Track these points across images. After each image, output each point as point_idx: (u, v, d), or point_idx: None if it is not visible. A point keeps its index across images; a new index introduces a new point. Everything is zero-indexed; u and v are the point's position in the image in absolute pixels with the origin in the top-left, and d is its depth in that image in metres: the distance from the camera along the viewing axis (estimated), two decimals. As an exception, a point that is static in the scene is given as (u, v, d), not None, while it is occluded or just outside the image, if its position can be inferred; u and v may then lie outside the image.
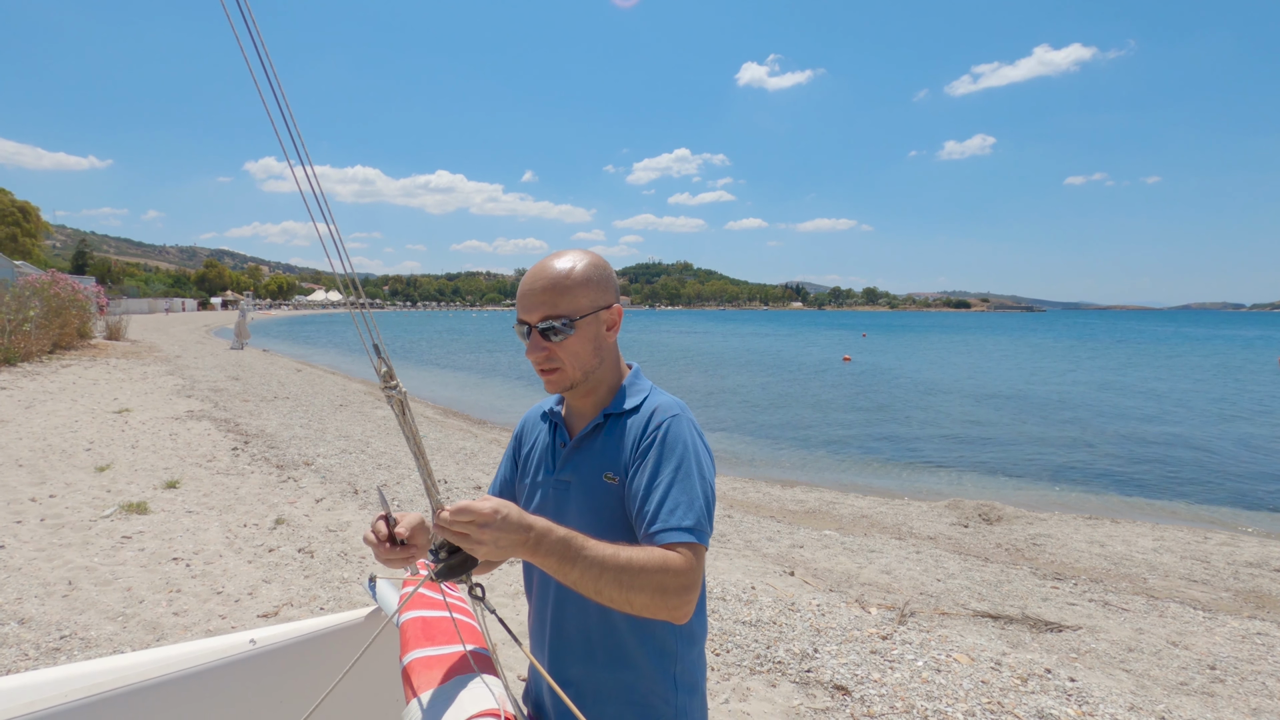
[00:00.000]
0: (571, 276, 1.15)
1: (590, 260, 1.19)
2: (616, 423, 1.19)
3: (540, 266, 1.17)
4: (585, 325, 1.15)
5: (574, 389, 1.20)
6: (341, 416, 10.48)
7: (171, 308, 68.29)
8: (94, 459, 6.41)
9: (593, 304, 1.16)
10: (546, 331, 1.14)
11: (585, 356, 1.17)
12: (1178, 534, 6.84)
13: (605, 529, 1.13)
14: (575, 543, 0.95)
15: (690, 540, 1.02)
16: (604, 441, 1.19)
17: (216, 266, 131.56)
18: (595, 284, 1.17)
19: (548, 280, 1.14)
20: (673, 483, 1.07)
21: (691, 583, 0.99)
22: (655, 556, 0.98)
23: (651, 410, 1.17)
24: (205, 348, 22.28)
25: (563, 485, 1.21)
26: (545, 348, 1.15)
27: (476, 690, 1.02)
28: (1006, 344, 51.79)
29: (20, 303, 13.76)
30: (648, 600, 0.96)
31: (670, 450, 1.10)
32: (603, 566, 0.95)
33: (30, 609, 3.45)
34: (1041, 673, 3.37)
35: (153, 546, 4.40)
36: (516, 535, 0.90)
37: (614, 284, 1.22)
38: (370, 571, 4.28)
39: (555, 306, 1.13)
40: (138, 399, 10.13)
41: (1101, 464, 10.63)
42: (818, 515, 7.27)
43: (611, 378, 1.24)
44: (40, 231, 53.16)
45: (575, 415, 1.27)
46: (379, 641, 1.21)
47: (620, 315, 1.22)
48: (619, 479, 1.14)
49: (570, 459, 1.22)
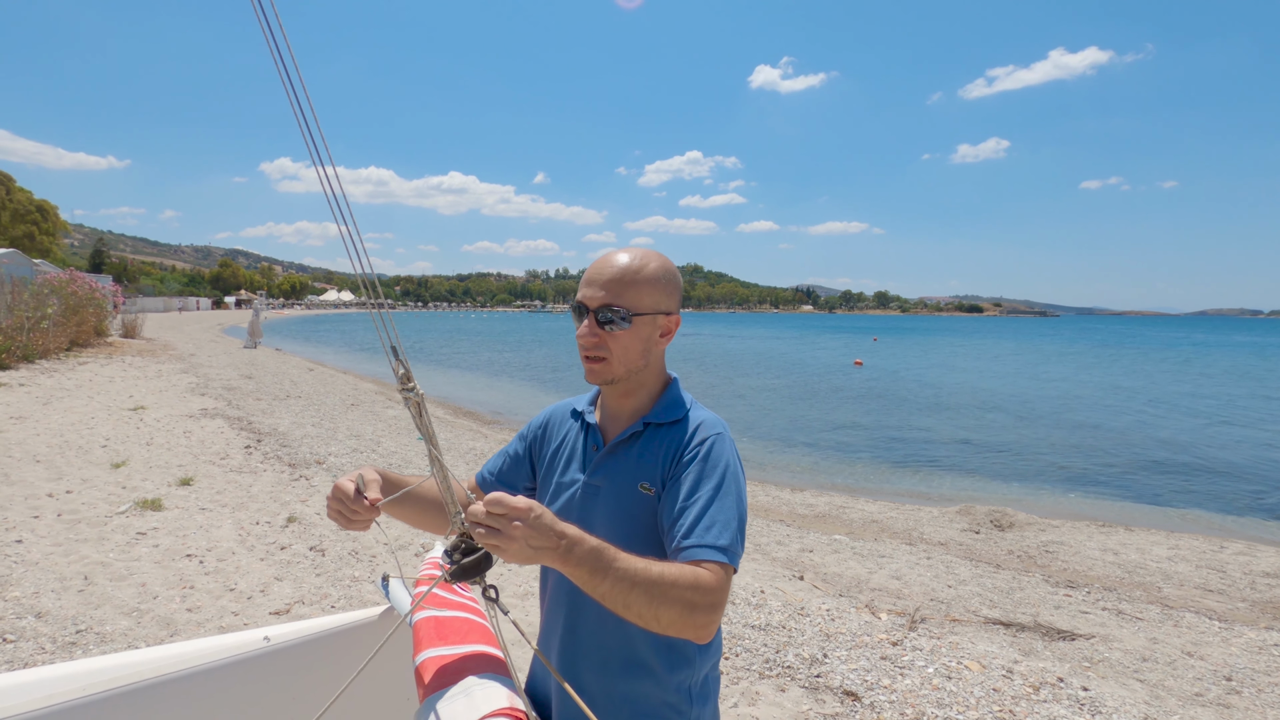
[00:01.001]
0: (641, 273, 1.14)
1: (662, 264, 1.18)
2: (656, 433, 1.18)
3: (613, 255, 1.17)
4: (642, 324, 1.15)
5: (614, 385, 1.19)
6: (353, 416, 10.55)
7: (185, 306, 68.98)
8: (110, 455, 6.48)
9: (654, 305, 1.15)
10: (603, 319, 1.13)
11: (633, 355, 1.16)
12: (1193, 543, 6.76)
13: (632, 539, 1.10)
14: (608, 554, 0.93)
15: (722, 560, 1.01)
16: (641, 450, 1.17)
17: (231, 266, 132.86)
18: (662, 287, 1.16)
19: (617, 270, 1.14)
20: (711, 500, 1.06)
21: (719, 601, 0.98)
22: (686, 573, 0.97)
23: (695, 425, 1.16)
24: (219, 346, 22.49)
25: (592, 489, 1.19)
26: (598, 335, 1.14)
27: (489, 690, 1.03)
28: (1019, 349, 51.39)
29: (39, 301, 13.94)
30: (675, 617, 0.95)
31: (712, 468, 1.09)
32: (634, 580, 0.93)
33: (47, 603, 3.50)
34: (1054, 681, 3.34)
35: (167, 543, 4.44)
36: (548, 540, 0.87)
37: (679, 293, 1.21)
38: (383, 571, 4.30)
39: (619, 297, 1.12)
40: (153, 396, 10.24)
41: (1115, 471, 10.52)
42: (828, 520, 7.24)
43: (653, 384, 1.22)
44: (58, 230, 53.88)
45: (610, 418, 1.25)
46: (392, 640, 1.21)
47: (677, 326, 1.21)
48: (655, 491, 1.13)
49: (603, 464, 1.20)
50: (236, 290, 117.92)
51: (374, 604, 1.47)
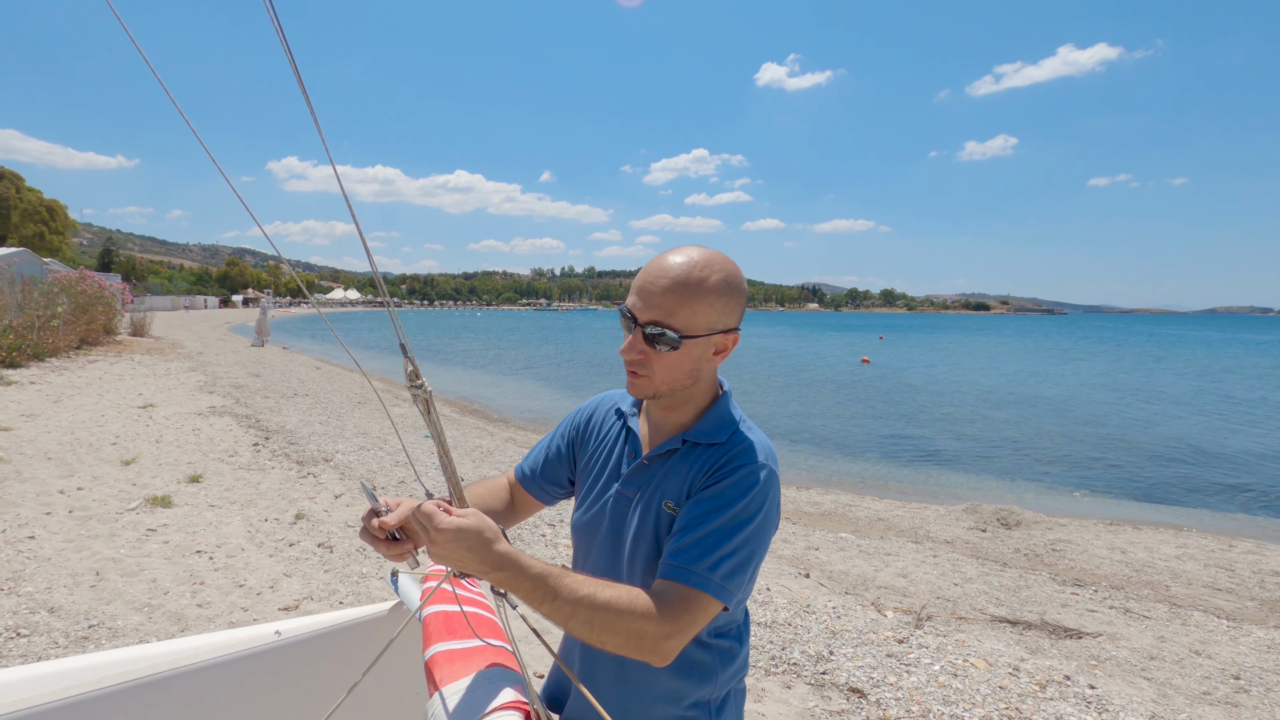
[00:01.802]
0: (702, 287, 0.99)
1: (726, 274, 1.02)
2: (693, 451, 1.09)
3: (669, 262, 1.01)
4: (694, 346, 1.02)
5: (655, 400, 1.10)
6: (360, 414, 10.60)
7: (193, 305, 69.34)
8: (120, 453, 6.54)
9: (710, 325, 1.01)
10: (650, 336, 1.01)
11: (679, 375, 1.05)
12: (1201, 541, 6.73)
13: (656, 555, 1.07)
14: (549, 583, 0.90)
15: (700, 588, 0.95)
16: (674, 467, 1.09)
17: (238, 265, 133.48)
18: (723, 304, 1.02)
19: (673, 282, 0.99)
20: (720, 527, 0.98)
21: (675, 631, 0.92)
22: (640, 602, 0.92)
23: (736, 450, 1.05)
24: (226, 345, 22.61)
25: (625, 500, 1.14)
26: (643, 351, 1.03)
27: (499, 685, 1.04)
28: (1026, 347, 51.15)
29: (49, 299, 14.05)
30: (620, 643, 0.91)
31: (737, 496, 1.00)
32: (575, 606, 0.90)
33: (59, 598, 3.53)
34: (1060, 679, 3.34)
35: (177, 539, 4.48)
36: (476, 564, 0.87)
37: (742, 306, 1.07)
38: (392, 566, 4.33)
39: (671, 315, 0.99)
40: (162, 394, 10.31)
41: (1122, 469, 10.48)
42: (834, 517, 7.24)
43: (700, 399, 1.12)
44: (67, 229, 54.24)
45: (652, 428, 1.17)
46: (402, 635, 1.23)
47: (735, 344, 1.07)
48: (678, 511, 1.06)
49: (637, 475, 1.14)
50: (244, 289, 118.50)
51: (382, 600, 1.48)
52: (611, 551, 1.14)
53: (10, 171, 49.61)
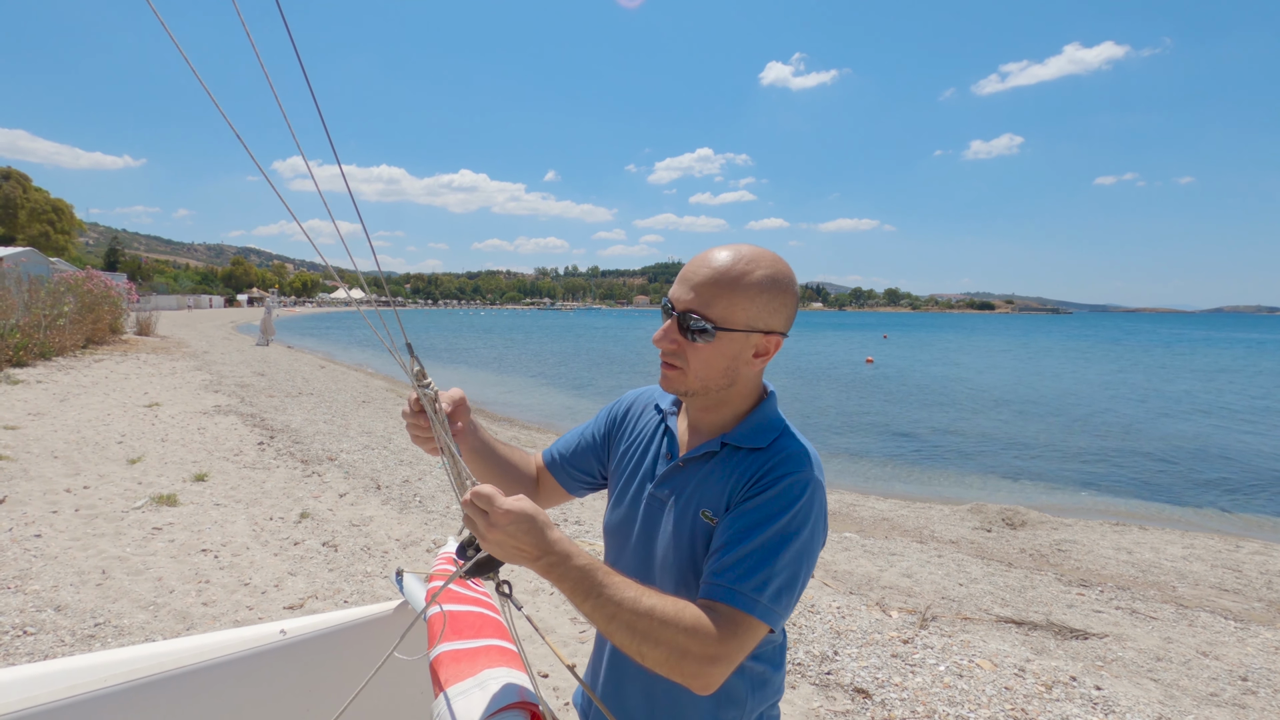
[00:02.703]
0: (742, 280, 0.96)
1: (773, 271, 0.98)
2: (734, 456, 1.03)
3: (715, 254, 0.99)
4: (728, 340, 0.98)
5: (689, 398, 1.05)
6: (364, 413, 10.62)
7: (198, 304, 69.60)
8: (126, 451, 6.56)
9: (749, 321, 0.97)
10: (685, 325, 0.98)
11: (713, 372, 1.00)
12: (1208, 542, 6.69)
13: (687, 567, 1.03)
14: (596, 577, 0.86)
15: (748, 610, 0.89)
16: (712, 473, 1.04)
17: (243, 264, 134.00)
18: (764, 300, 0.97)
19: (714, 272, 0.97)
20: (766, 542, 0.92)
21: (720, 655, 0.86)
22: (687, 614, 0.87)
23: (781, 457, 0.99)
24: (231, 344, 22.69)
25: (658, 502, 1.09)
26: (676, 341, 1.00)
27: (504, 684, 1.03)
28: (1031, 346, 50.99)
29: (55, 299, 14.12)
30: (661, 658, 0.85)
31: (783, 507, 0.95)
32: (616, 610, 0.85)
33: (66, 596, 3.55)
34: (1066, 680, 3.32)
35: (182, 538, 4.49)
36: (530, 550, 0.84)
37: (788, 310, 1.01)
38: (396, 566, 4.34)
39: (707, 305, 0.96)
40: (167, 393, 10.35)
41: (1129, 469, 10.43)
42: (838, 517, 7.22)
43: (741, 403, 1.07)
44: (74, 229, 54.49)
45: (691, 428, 1.12)
46: (408, 635, 1.22)
47: (777, 348, 1.02)
48: (717, 520, 1.00)
49: (672, 478, 1.08)
50: (249, 288, 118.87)
51: (387, 599, 1.48)
52: (643, 557, 1.10)
53: (17, 172, 49.87)
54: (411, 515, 5.37)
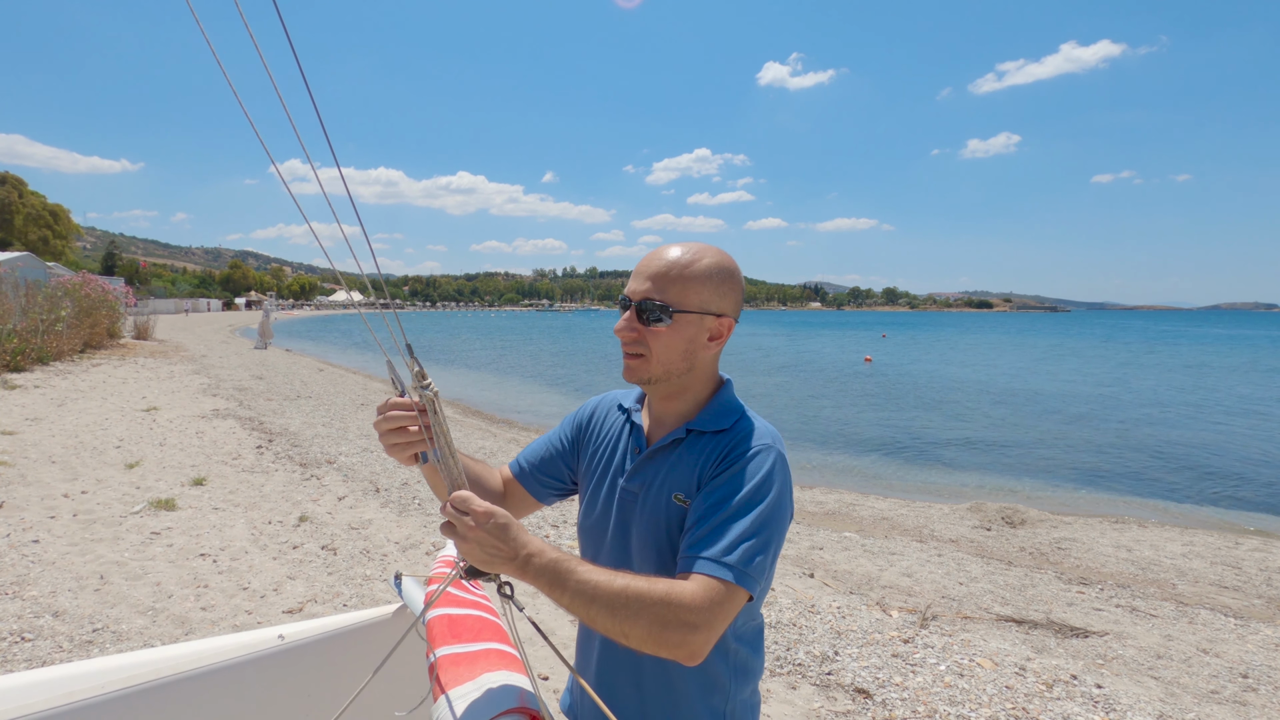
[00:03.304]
0: (691, 268, 1.05)
1: (718, 260, 1.08)
2: (699, 440, 1.10)
3: (666, 248, 1.09)
4: (684, 322, 1.06)
5: (653, 386, 1.12)
6: (363, 416, 10.60)
7: (195, 307, 69.49)
8: (124, 456, 6.55)
9: (702, 304, 1.06)
10: (642, 312, 1.06)
11: (674, 356, 1.08)
12: (1208, 539, 6.70)
13: (666, 553, 1.07)
14: (565, 567, 0.89)
15: (722, 575, 0.92)
16: (680, 458, 1.10)
17: (241, 267, 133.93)
18: (713, 286, 1.07)
19: (666, 263, 1.06)
20: (735, 511, 0.98)
21: (700, 622, 0.89)
22: (659, 587, 0.90)
23: (743, 435, 1.07)
24: (230, 347, 22.66)
25: (630, 495, 1.13)
26: (636, 329, 1.07)
27: (505, 688, 1.03)
28: (1029, 344, 51.06)
29: (52, 303, 14.09)
30: (643, 633, 0.88)
31: (747, 479, 1.01)
32: (593, 594, 0.88)
33: (64, 602, 3.54)
34: (1067, 679, 3.32)
35: (181, 542, 4.48)
36: (503, 549, 0.87)
37: (737, 296, 1.11)
38: (395, 569, 4.33)
39: (663, 291, 1.05)
40: (165, 397, 10.33)
41: (1128, 467, 10.44)
42: (838, 517, 7.22)
43: (701, 389, 1.14)
44: (71, 233, 54.42)
45: (655, 421, 1.18)
46: (407, 639, 1.22)
47: (729, 330, 1.11)
48: (689, 502, 1.05)
49: (641, 469, 1.14)
50: (247, 291, 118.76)
51: (386, 603, 1.48)
52: (620, 550, 1.14)
53: (13, 176, 49.81)
54: (411, 518, 5.36)
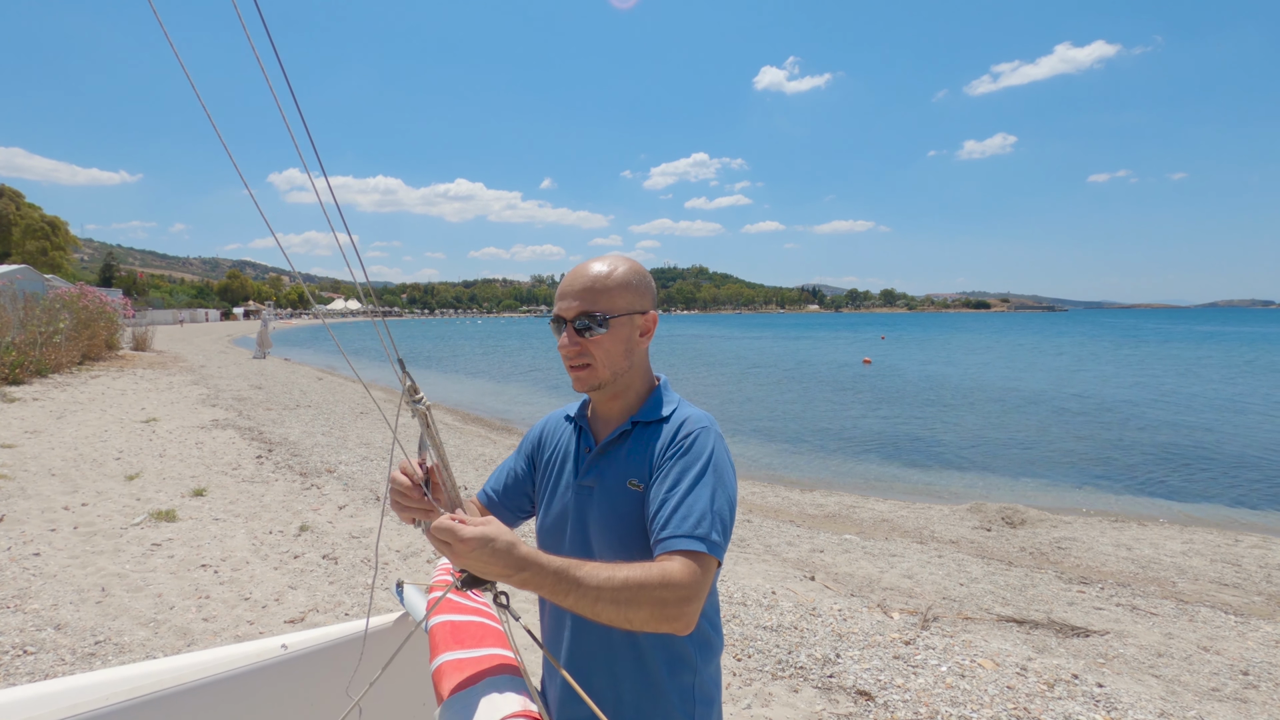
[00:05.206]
0: (611, 278, 1.17)
1: (630, 266, 1.21)
2: (644, 430, 1.20)
3: (582, 266, 1.20)
4: (619, 325, 1.17)
5: (602, 389, 1.21)
6: (362, 424, 10.60)
7: (194, 318, 69.45)
8: (123, 468, 6.54)
9: (629, 306, 1.18)
10: (581, 327, 1.16)
11: (616, 356, 1.19)
12: (1207, 536, 6.71)
13: (626, 536, 1.14)
14: (569, 574, 0.94)
15: (697, 549, 1.02)
16: (630, 448, 1.20)
17: (239, 277, 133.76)
18: (633, 288, 1.19)
19: (588, 279, 1.17)
20: (690, 491, 1.07)
21: (692, 594, 0.98)
22: (654, 572, 0.97)
23: (681, 420, 1.18)
24: (228, 357, 22.65)
25: (586, 490, 1.22)
26: (578, 343, 1.17)
27: (506, 693, 1.04)
28: (1027, 344, 51.10)
29: (51, 315, 14.09)
30: (646, 616, 0.96)
31: (694, 459, 1.11)
32: (599, 593, 0.94)
33: (65, 615, 3.54)
34: (1068, 678, 3.33)
35: (182, 553, 4.48)
36: (501, 569, 0.91)
37: (652, 292, 1.24)
38: (398, 577, 4.33)
39: (593, 304, 1.16)
40: (164, 408, 10.33)
41: (1127, 466, 10.45)
42: (838, 519, 7.23)
43: (640, 385, 1.25)
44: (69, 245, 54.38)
45: (601, 421, 1.28)
46: (409, 645, 1.23)
47: (655, 323, 1.24)
48: (643, 486, 1.15)
49: (595, 464, 1.23)
50: (245, 301, 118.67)
51: (387, 611, 1.49)
52: (581, 542, 1.20)
53: (10, 188, 49.78)
54: (411, 526, 5.36)
